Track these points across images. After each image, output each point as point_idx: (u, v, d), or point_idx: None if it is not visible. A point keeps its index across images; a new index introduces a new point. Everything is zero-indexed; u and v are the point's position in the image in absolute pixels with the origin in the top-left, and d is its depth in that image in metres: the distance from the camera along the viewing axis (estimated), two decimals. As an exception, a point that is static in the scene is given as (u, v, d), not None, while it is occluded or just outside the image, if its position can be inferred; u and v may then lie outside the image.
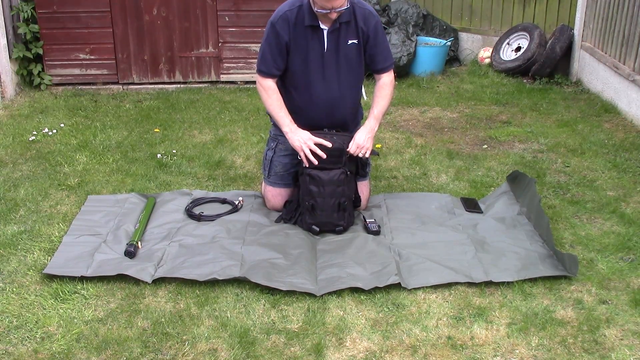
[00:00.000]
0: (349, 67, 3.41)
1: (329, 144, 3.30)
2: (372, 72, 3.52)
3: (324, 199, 3.29)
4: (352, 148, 3.34)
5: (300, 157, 3.33)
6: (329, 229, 3.35)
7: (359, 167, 3.46)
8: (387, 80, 3.47)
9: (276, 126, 3.60)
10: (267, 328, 2.63)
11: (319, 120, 3.43)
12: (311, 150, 3.29)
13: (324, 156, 3.30)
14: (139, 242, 3.21)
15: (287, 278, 2.92)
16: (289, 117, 3.38)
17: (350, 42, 3.35)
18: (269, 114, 3.52)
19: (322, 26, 3.31)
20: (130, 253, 3.11)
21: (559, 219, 3.52)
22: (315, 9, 3.25)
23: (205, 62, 6.14)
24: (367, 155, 3.38)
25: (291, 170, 3.56)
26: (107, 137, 4.78)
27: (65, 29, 5.95)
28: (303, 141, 3.31)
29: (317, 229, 3.31)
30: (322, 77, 3.38)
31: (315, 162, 3.30)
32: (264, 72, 3.38)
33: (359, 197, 3.51)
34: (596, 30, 5.77)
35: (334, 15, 3.23)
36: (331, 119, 3.42)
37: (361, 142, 3.35)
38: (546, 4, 6.45)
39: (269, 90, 3.39)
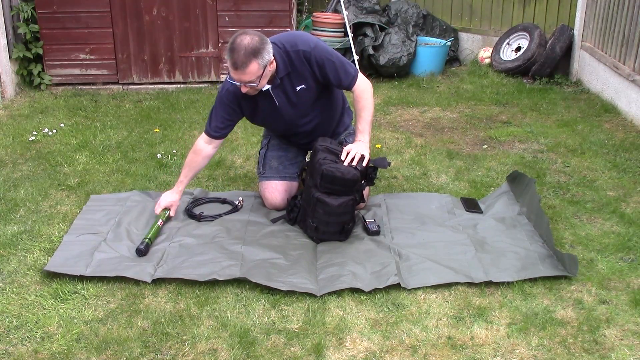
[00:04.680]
0: (309, 107, 3.39)
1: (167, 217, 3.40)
2: None
3: (329, 223, 3.24)
4: (343, 156, 3.23)
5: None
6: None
7: (367, 179, 3.37)
8: (358, 91, 3.33)
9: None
10: (267, 328, 2.63)
11: (297, 145, 3.61)
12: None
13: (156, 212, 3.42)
14: (151, 241, 3.20)
15: (287, 278, 2.92)
16: (184, 181, 3.48)
17: (299, 88, 3.29)
18: None
19: (264, 88, 3.21)
20: (141, 251, 3.11)
21: (559, 219, 3.52)
22: (228, 79, 3.23)
23: (205, 62, 6.14)
24: (363, 162, 3.24)
25: (286, 163, 3.58)
26: (107, 137, 4.78)
27: (65, 29, 5.95)
28: (158, 203, 3.44)
29: (319, 241, 3.29)
30: (285, 123, 3.43)
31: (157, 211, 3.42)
32: (205, 130, 3.47)
33: (363, 199, 3.50)
34: (596, 30, 5.77)
35: (244, 89, 3.14)
36: (310, 141, 3.50)
37: (351, 150, 3.24)
38: (546, 4, 6.46)
39: (193, 149, 3.48)
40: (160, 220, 3.35)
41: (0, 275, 3.00)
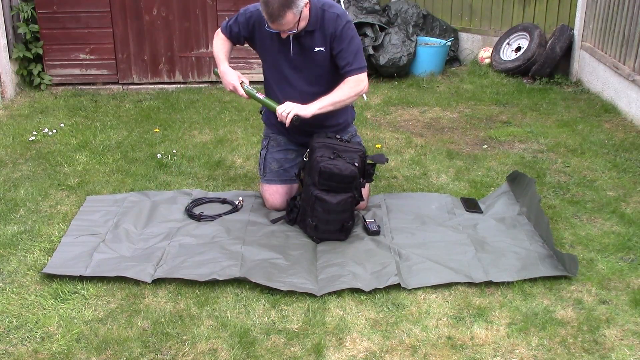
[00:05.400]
0: (319, 74, 3.36)
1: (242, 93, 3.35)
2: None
3: (328, 221, 3.24)
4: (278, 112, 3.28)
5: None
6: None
7: (365, 175, 3.37)
8: (351, 80, 3.29)
9: (268, 126, 3.68)
10: (267, 328, 2.63)
11: (289, 130, 3.44)
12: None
13: (244, 95, 3.35)
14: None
15: (287, 278, 2.92)
16: (225, 58, 3.45)
17: (317, 49, 3.28)
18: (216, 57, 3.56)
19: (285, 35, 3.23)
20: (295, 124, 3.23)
21: (559, 219, 3.52)
22: (266, 27, 3.22)
23: (205, 62, 6.14)
24: (288, 118, 3.23)
25: (286, 165, 3.57)
26: (107, 137, 4.78)
27: (65, 29, 5.95)
28: (232, 85, 3.36)
29: (319, 241, 3.30)
30: (290, 81, 3.38)
31: (244, 94, 3.36)
32: (222, 27, 3.50)
33: (363, 197, 3.50)
34: (596, 30, 5.77)
35: (284, 35, 3.19)
36: (307, 120, 3.31)
37: (282, 111, 3.25)
38: (546, 4, 6.45)
39: (218, 37, 3.50)
40: (258, 93, 3.39)
41: (0, 275, 3.00)
